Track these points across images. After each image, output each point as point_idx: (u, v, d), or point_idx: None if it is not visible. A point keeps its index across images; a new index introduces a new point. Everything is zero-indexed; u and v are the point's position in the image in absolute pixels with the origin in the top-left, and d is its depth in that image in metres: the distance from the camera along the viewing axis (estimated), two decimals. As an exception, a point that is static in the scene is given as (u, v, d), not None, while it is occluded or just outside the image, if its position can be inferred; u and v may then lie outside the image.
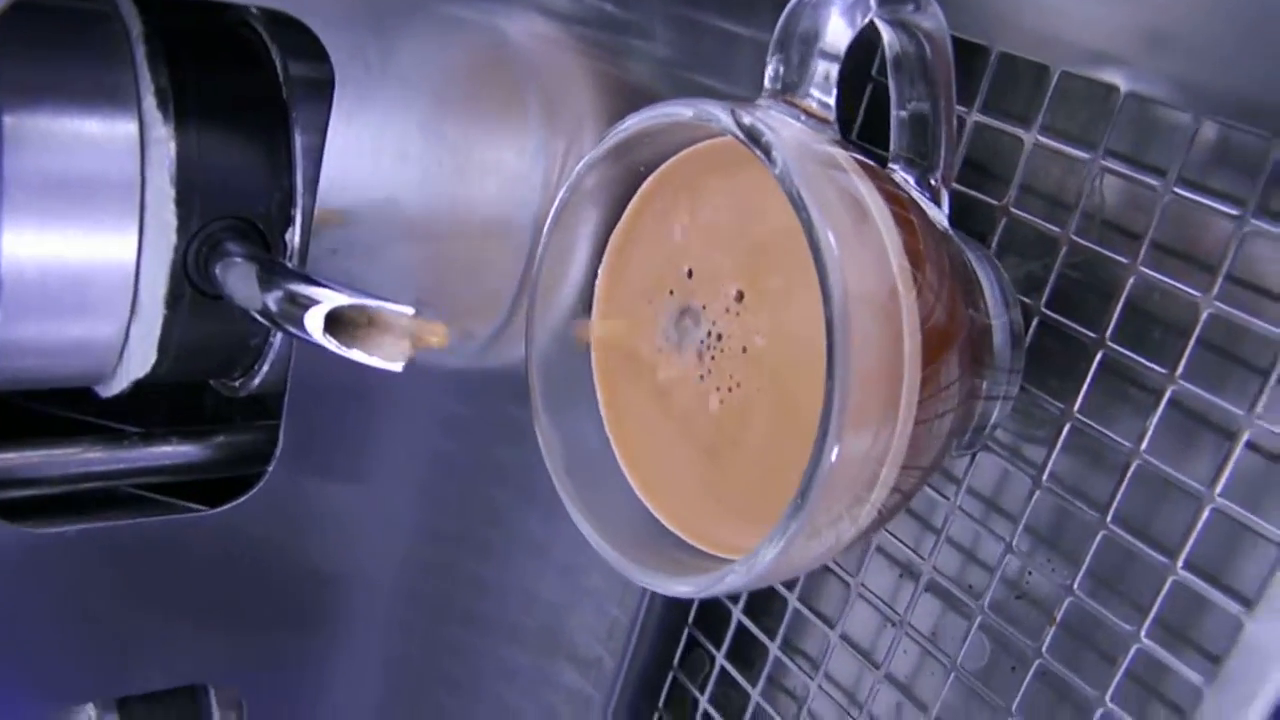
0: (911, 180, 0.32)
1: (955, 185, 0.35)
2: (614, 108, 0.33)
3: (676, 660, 0.46)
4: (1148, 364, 0.31)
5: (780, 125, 0.28)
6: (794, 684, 0.43)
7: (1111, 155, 0.33)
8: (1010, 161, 0.34)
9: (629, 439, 0.33)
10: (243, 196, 0.29)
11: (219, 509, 0.32)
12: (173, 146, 0.28)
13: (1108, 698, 0.32)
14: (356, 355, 0.27)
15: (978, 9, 0.35)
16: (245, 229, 0.30)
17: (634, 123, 0.30)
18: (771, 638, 0.42)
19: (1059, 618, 0.33)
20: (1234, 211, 0.29)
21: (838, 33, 0.28)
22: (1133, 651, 0.31)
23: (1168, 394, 0.31)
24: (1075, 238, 0.33)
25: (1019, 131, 0.34)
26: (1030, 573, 0.36)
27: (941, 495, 0.36)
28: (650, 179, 0.32)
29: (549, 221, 0.32)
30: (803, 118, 0.28)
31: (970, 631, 0.35)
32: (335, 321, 0.27)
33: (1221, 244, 0.30)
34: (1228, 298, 0.30)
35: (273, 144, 0.30)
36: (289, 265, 0.30)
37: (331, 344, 0.27)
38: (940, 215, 0.32)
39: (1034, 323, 0.34)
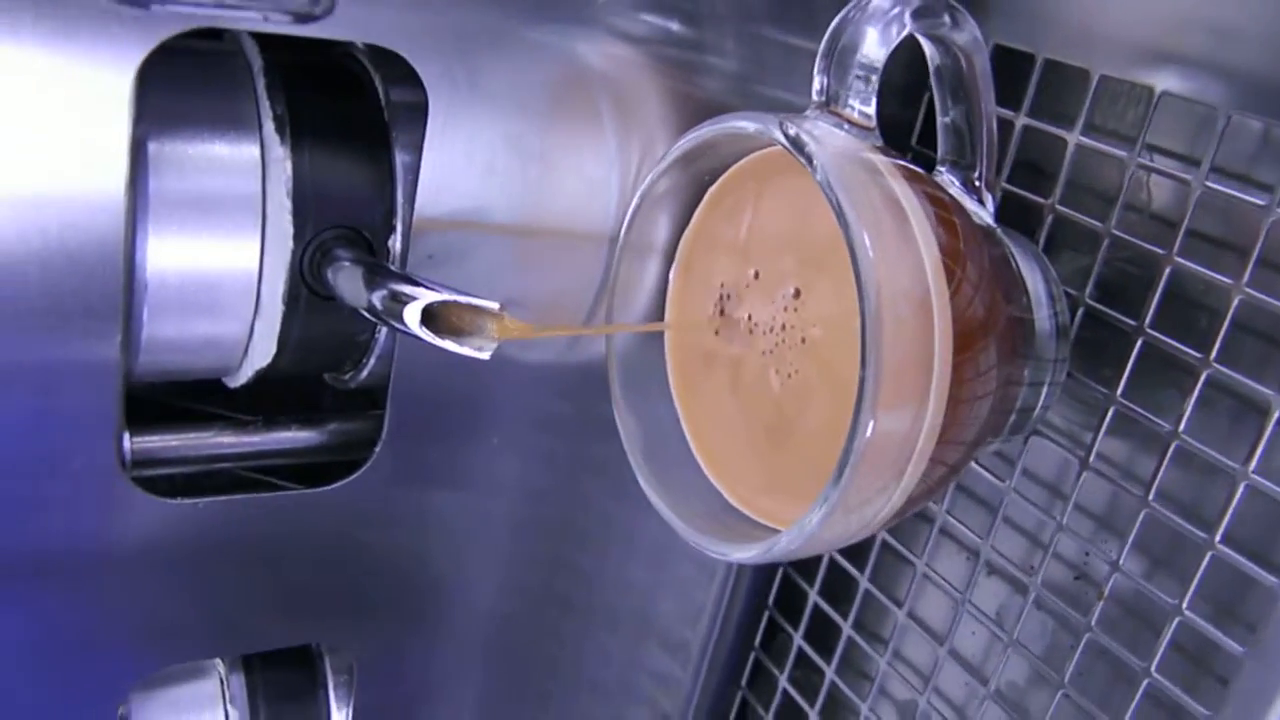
0: (957, 182, 0.35)
1: (1008, 185, 0.38)
2: (684, 118, 0.36)
3: (758, 642, 0.49)
4: (1183, 349, 0.33)
5: (825, 135, 0.30)
6: (868, 664, 0.45)
7: (1155, 151, 0.35)
8: (1060, 161, 0.36)
9: (700, 424, 0.36)
10: (350, 208, 0.33)
11: (330, 487, 0.35)
12: (289, 166, 0.32)
13: (1153, 668, 0.33)
14: (449, 345, 0.30)
15: (1022, 19, 0.37)
16: (353, 237, 0.34)
17: (696, 135, 0.33)
18: (845, 618, 0.44)
19: (1106, 592, 0.35)
20: (1261, 201, 0.31)
21: (875, 48, 0.30)
22: (1175, 624, 0.33)
23: (1203, 377, 0.32)
24: (1116, 231, 0.35)
25: (1062, 133, 0.36)
26: (1088, 554, 0.38)
27: (998, 479, 0.38)
28: (716, 184, 0.35)
29: (625, 225, 0.35)
30: (846, 127, 0.31)
31: (1025, 606, 0.37)
32: (431, 316, 0.30)
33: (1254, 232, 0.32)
34: (1259, 283, 0.31)
35: (376, 161, 0.34)
36: (391, 268, 0.33)
37: (427, 334, 0.30)
38: (985, 214, 0.35)
39: (1079, 312, 0.36)
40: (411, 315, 0.30)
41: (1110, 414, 0.35)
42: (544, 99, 0.34)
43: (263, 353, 0.34)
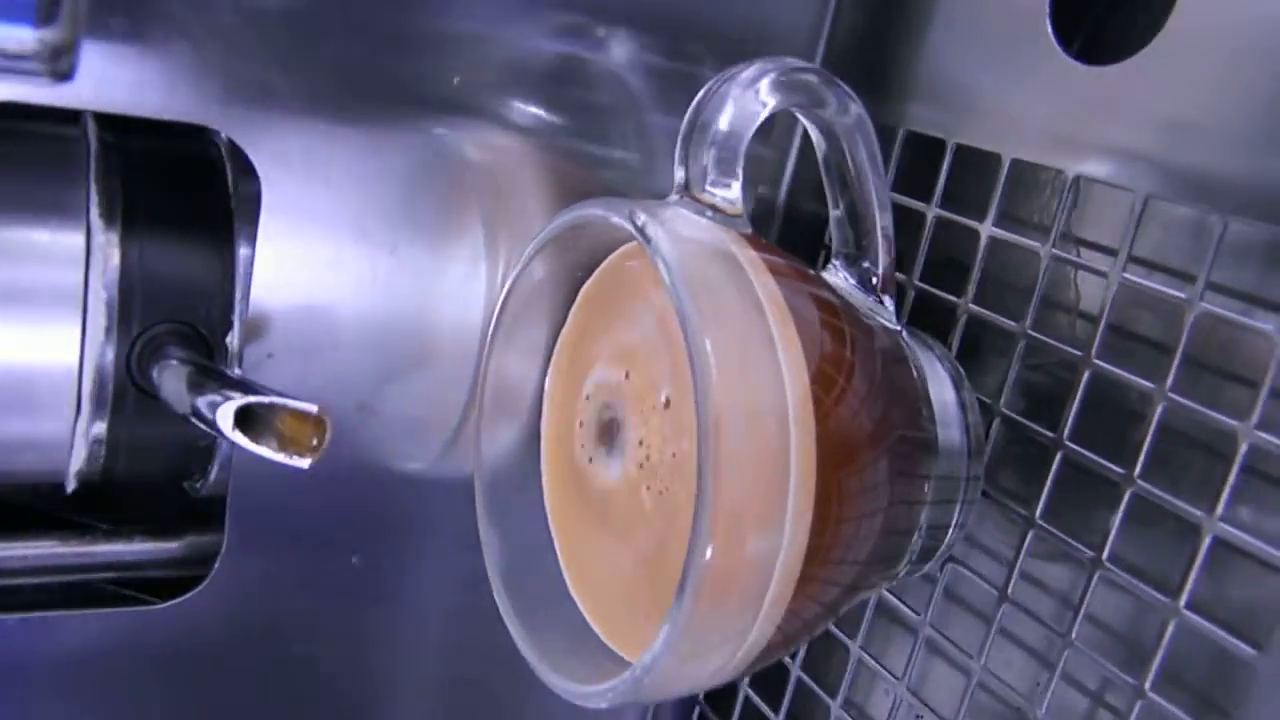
0: (852, 280, 0.31)
1: (922, 284, 0.34)
2: (560, 208, 0.33)
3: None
4: (1105, 464, 0.29)
5: (680, 223, 0.27)
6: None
7: (1081, 244, 0.31)
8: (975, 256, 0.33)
9: (573, 548, 0.33)
10: (182, 302, 0.31)
11: (167, 604, 0.32)
12: (115, 254, 0.30)
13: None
14: (265, 452, 0.27)
15: (934, 103, 0.34)
16: (188, 334, 0.31)
17: (554, 224, 0.30)
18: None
19: (1029, 741, 0.31)
20: (1181, 294, 0.27)
21: (736, 124, 0.28)
22: (1105, 783, 0.28)
23: (1127, 495, 0.28)
24: (1031, 332, 0.31)
25: (973, 223, 0.32)
26: (1020, 694, 0.33)
27: (914, 610, 0.34)
28: (590, 280, 0.32)
29: (493, 321, 0.32)
30: (709, 213, 0.28)
31: (947, 757, 0.33)
32: (252, 420, 0.28)
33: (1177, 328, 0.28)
34: (1185, 387, 0.28)
35: (215, 253, 0.31)
36: (222, 369, 0.31)
37: (242, 440, 0.27)
38: (885, 315, 0.31)
39: (995, 423, 0.32)
40: (225, 418, 0.27)
41: (1029, 538, 0.31)
42: (396, 186, 0.31)
43: (89, 457, 0.31)
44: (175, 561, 0.35)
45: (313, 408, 0.28)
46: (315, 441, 0.28)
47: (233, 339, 0.31)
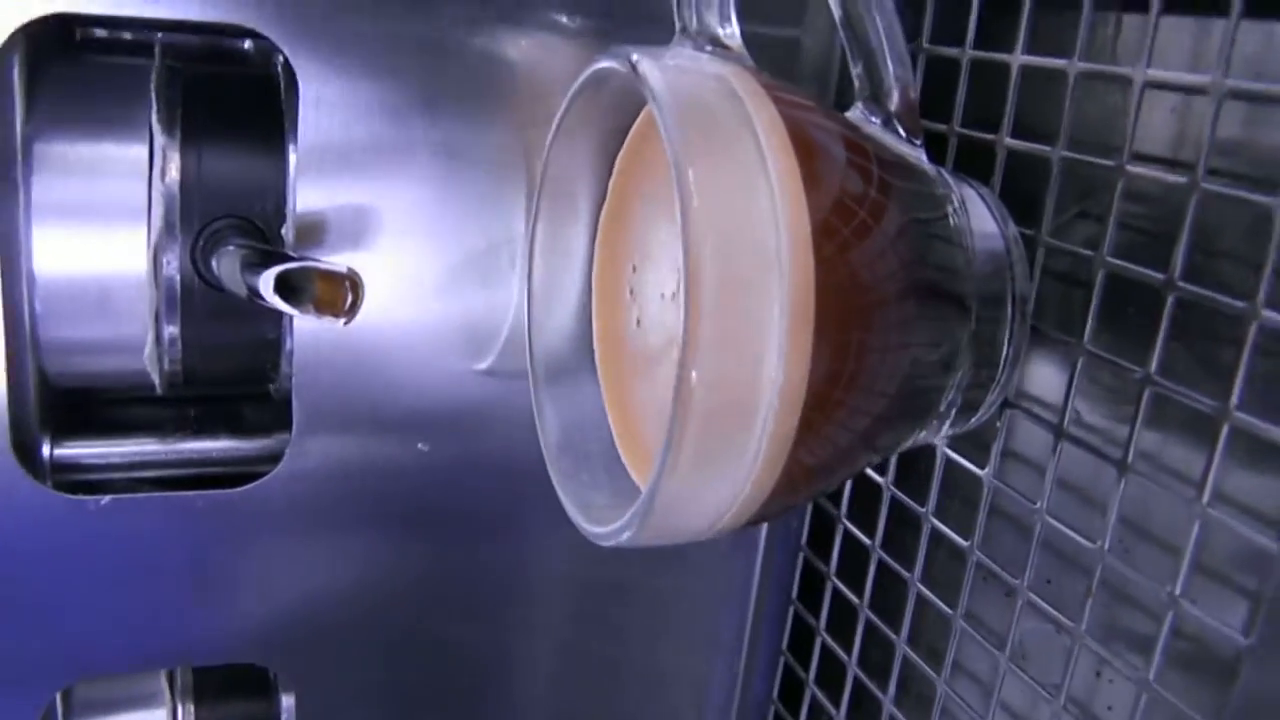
0: (877, 121, 0.31)
1: (961, 129, 0.34)
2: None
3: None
4: (1147, 272, 0.27)
5: (677, 59, 0.28)
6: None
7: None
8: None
9: (623, 412, 0.33)
10: (238, 198, 0.33)
11: (240, 489, 0.34)
12: (176, 157, 0.32)
13: (1151, 676, 0.27)
14: (301, 313, 0.29)
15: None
16: (246, 227, 0.33)
17: (576, 85, 0.31)
18: (849, 654, 0.39)
19: (1093, 587, 0.29)
20: (1206, 78, 0.26)
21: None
22: (1170, 617, 0.27)
23: (1170, 301, 0.27)
24: (1065, 153, 0.30)
25: (1004, 57, 0.31)
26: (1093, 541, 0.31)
27: (977, 467, 0.33)
28: (622, 152, 0.33)
29: (536, 198, 0.33)
30: (708, 49, 0.28)
31: (1016, 614, 0.31)
32: (292, 288, 0.29)
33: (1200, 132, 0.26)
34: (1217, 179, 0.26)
35: (267, 155, 0.33)
36: (274, 250, 0.33)
37: (280, 304, 0.29)
38: (916, 154, 0.30)
39: (1039, 253, 0.31)
40: (266, 285, 0.29)
41: (1079, 365, 0.29)
42: (422, 79, 0.33)
43: (170, 355, 0.34)
44: (262, 458, 0.37)
45: (343, 268, 0.29)
46: (348, 303, 0.29)
47: (287, 230, 0.33)
